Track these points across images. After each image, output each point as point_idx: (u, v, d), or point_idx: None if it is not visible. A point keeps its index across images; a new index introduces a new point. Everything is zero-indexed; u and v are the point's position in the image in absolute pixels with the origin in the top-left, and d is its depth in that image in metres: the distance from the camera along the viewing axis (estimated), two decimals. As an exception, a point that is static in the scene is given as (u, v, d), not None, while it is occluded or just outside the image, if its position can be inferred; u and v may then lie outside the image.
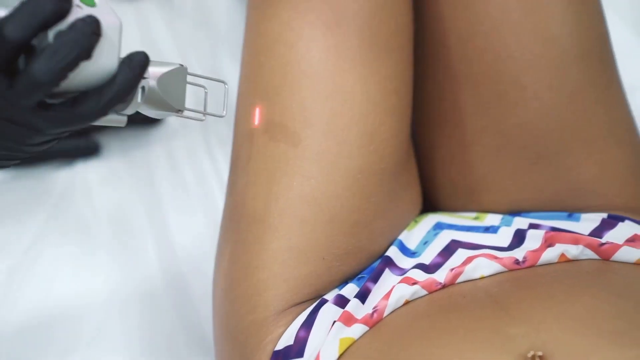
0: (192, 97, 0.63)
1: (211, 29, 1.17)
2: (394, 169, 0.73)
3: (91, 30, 0.48)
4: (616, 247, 0.66)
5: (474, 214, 0.79)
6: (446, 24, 0.78)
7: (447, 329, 0.60)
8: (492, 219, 0.76)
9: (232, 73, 1.09)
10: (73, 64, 0.48)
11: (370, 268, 0.72)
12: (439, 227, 0.76)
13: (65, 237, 0.97)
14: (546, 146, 0.74)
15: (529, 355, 0.55)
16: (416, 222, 0.78)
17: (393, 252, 0.72)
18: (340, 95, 0.71)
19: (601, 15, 0.77)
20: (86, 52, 0.48)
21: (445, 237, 0.73)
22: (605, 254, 0.66)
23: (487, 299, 0.63)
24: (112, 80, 0.51)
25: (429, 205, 0.84)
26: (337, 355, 0.63)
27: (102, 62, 0.51)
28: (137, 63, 0.52)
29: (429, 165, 0.83)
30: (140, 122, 1.06)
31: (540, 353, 0.54)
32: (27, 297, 0.89)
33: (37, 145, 0.53)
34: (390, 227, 0.74)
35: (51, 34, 0.48)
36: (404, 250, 0.73)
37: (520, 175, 0.76)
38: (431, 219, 0.78)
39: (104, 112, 0.52)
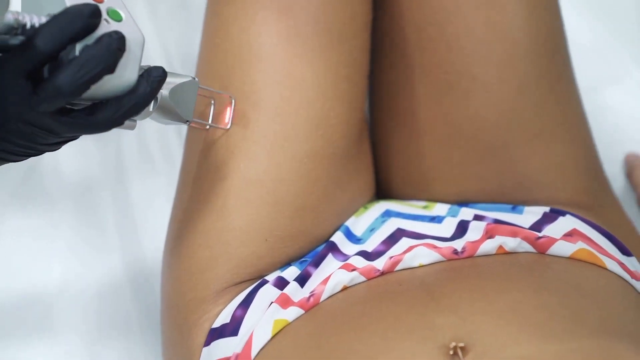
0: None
1: (191, 13, 1.17)
2: (343, 155, 0.74)
3: (116, 46, 0.50)
4: (552, 240, 0.67)
5: (423, 203, 0.79)
6: (404, 13, 0.79)
7: (378, 316, 0.61)
8: (440, 209, 0.77)
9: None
10: (97, 78, 0.49)
11: (314, 252, 0.72)
12: (387, 214, 0.76)
13: (28, 210, 0.97)
14: (493, 138, 0.75)
15: (451, 345, 0.55)
16: (366, 208, 0.78)
17: (338, 238, 0.73)
18: (290, 79, 0.71)
19: (556, 12, 0.77)
20: (110, 67, 0.50)
21: (391, 225, 0.74)
22: (541, 247, 0.67)
23: (421, 288, 0.64)
24: (130, 92, 0.54)
25: (383, 192, 0.85)
26: (269, 336, 0.64)
27: (124, 75, 0.53)
28: (155, 78, 0.55)
29: (384, 153, 0.84)
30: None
31: (462, 344, 0.55)
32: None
33: (51, 144, 0.55)
34: (337, 213, 0.75)
35: (78, 46, 0.50)
36: (350, 236, 0.74)
37: (467, 166, 0.77)
38: (381, 206, 0.78)
39: (119, 123, 0.54)
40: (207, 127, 0.71)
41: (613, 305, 0.62)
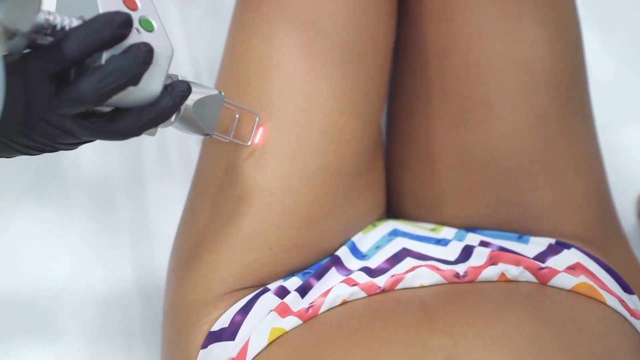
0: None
1: (221, 20, 1.17)
2: (355, 171, 0.75)
3: (143, 59, 0.50)
4: (554, 272, 0.67)
5: (431, 225, 0.79)
6: (427, 37, 0.79)
7: (372, 332, 0.62)
8: (447, 232, 0.77)
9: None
10: (120, 88, 0.49)
11: (318, 264, 0.73)
12: (394, 233, 0.77)
13: (43, 202, 0.98)
14: (505, 167, 0.75)
15: (442, 366, 0.56)
16: (374, 225, 0.79)
17: (343, 252, 0.73)
18: (308, 92, 0.72)
19: (579, 48, 0.78)
20: (134, 79, 0.50)
21: (397, 244, 0.74)
22: (543, 278, 0.67)
23: (419, 308, 0.64)
24: (152, 104, 0.53)
25: (394, 212, 0.85)
26: (265, 343, 0.64)
27: (148, 87, 0.53)
28: (179, 93, 0.54)
29: (397, 173, 0.85)
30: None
31: None
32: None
33: (68, 144, 0.55)
34: (344, 227, 0.75)
35: (105, 54, 0.50)
36: (355, 251, 0.74)
37: (477, 193, 0.77)
38: (389, 225, 0.79)
39: (138, 133, 0.54)
40: (228, 141, 0.71)
41: (608, 340, 0.62)
